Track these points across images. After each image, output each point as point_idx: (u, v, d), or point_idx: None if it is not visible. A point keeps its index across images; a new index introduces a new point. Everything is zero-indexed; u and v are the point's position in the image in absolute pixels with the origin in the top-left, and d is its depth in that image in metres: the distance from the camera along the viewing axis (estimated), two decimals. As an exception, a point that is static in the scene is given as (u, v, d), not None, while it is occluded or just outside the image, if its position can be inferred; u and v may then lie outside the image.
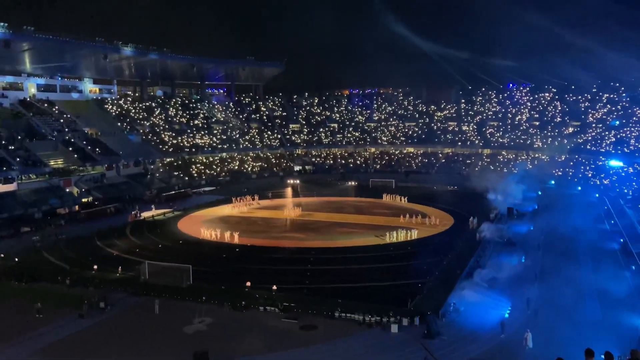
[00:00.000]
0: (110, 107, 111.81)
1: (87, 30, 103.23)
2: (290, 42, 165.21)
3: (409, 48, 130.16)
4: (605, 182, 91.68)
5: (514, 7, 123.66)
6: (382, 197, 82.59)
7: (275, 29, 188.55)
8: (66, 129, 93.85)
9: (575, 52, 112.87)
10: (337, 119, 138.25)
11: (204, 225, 64.44)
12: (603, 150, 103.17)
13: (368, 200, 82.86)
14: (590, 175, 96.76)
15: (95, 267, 46.57)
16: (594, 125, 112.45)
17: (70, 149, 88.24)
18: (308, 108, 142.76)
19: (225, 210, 75.08)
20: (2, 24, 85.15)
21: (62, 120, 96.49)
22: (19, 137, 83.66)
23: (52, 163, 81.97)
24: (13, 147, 79.74)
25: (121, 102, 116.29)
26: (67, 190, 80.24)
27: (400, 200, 79.82)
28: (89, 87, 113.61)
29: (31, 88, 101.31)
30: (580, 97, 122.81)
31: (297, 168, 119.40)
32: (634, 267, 44.71)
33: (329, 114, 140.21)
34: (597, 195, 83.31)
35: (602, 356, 9.16)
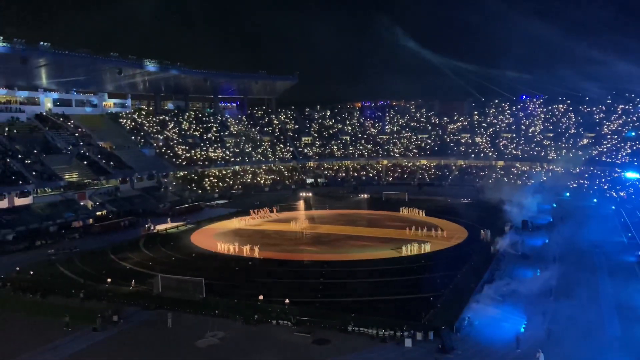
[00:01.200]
0: (125, 121, 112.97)
1: (98, 46, 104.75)
2: (302, 56, 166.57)
3: (421, 60, 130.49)
4: (622, 194, 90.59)
5: (527, 19, 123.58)
6: (399, 210, 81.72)
7: (287, 42, 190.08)
8: (81, 143, 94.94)
9: (589, 63, 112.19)
10: (349, 131, 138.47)
11: (217, 238, 64.59)
12: (619, 162, 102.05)
13: (382, 213, 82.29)
14: (606, 187, 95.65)
15: (109, 280, 46.74)
16: (609, 136, 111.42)
17: (85, 162, 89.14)
18: (320, 121, 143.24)
19: (238, 223, 75.06)
20: (19, 40, 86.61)
21: (77, 134, 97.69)
22: (35, 151, 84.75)
23: (67, 177, 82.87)
24: (29, 161, 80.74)
25: (135, 116, 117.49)
26: (82, 203, 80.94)
27: (418, 213, 78.99)
28: (104, 102, 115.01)
29: (47, 102, 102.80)
30: (594, 108, 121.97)
31: (309, 181, 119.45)
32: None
33: (341, 126, 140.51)
34: (613, 207, 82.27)
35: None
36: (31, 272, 50.34)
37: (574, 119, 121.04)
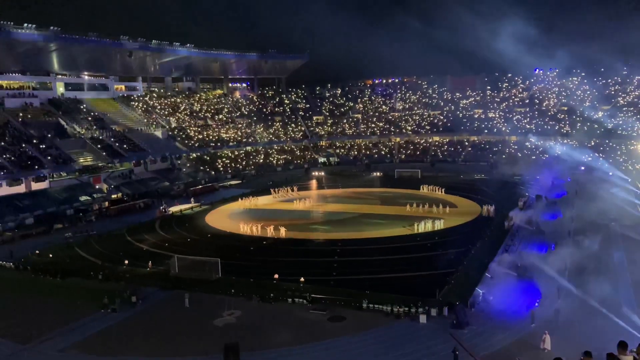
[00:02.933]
0: (137, 104, 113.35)
1: (107, 29, 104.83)
2: (312, 34, 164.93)
3: (432, 36, 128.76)
4: (637, 167, 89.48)
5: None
6: (419, 188, 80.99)
7: (297, 21, 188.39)
8: (94, 127, 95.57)
9: (604, 34, 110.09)
10: (361, 109, 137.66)
11: (232, 218, 65.23)
12: (635, 134, 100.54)
13: (398, 190, 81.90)
14: (621, 160, 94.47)
15: (126, 262, 47.48)
16: (624, 109, 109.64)
17: (99, 146, 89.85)
18: (331, 99, 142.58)
19: (250, 203, 75.47)
20: (30, 25, 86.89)
21: (90, 119, 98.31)
22: (49, 136, 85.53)
23: (82, 160, 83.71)
24: (44, 146, 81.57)
25: (147, 98, 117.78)
26: (97, 186, 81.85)
27: (438, 191, 78.18)
28: (115, 85, 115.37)
29: (59, 87, 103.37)
30: (609, 80, 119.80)
31: (321, 160, 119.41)
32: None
33: (352, 104, 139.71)
34: (629, 180, 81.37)
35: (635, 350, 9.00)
36: (50, 255, 51.31)
37: (588, 92, 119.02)
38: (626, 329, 28.67)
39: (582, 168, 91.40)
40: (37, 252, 52.59)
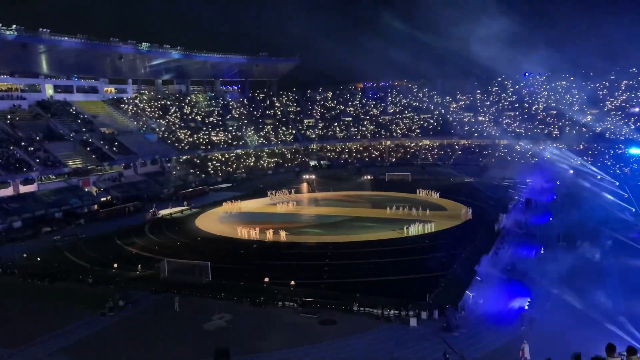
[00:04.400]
0: (126, 106, 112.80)
1: (98, 30, 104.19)
2: (303, 37, 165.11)
3: (422, 40, 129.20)
4: (626, 171, 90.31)
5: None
6: (415, 192, 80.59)
7: (288, 24, 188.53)
8: (84, 129, 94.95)
9: (592, 38, 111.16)
10: (352, 112, 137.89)
11: (224, 222, 65.13)
12: (622, 138, 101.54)
13: (389, 194, 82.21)
14: (609, 164, 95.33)
15: (116, 265, 47.16)
16: (612, 113, 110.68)
17: (88, 149, 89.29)
18: (322, 102, 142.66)
19: (242, 206, 75.35)
20: (18, 27, 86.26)
21: (79, 121, 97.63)
22: (38, 138, 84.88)
23: (71, 163, 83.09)
24: (32, 148, 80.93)
25: (137, 101, 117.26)
26: (86, 189, 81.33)
27: (431, 194, 78.08)
28: (105, 88, 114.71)
29: (49, 89, 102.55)
30: (598, 84, 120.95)
31: (312, 163, 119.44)
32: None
33: (343, 107, 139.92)
34: (617, 184, 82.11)
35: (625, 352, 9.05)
36: (38, 259, 50.83)
37: (577, 96, 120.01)
38: (615, 332, 28.85)
39: (571, 171, 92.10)
40: (24, 255, 52.01)
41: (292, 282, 39.86)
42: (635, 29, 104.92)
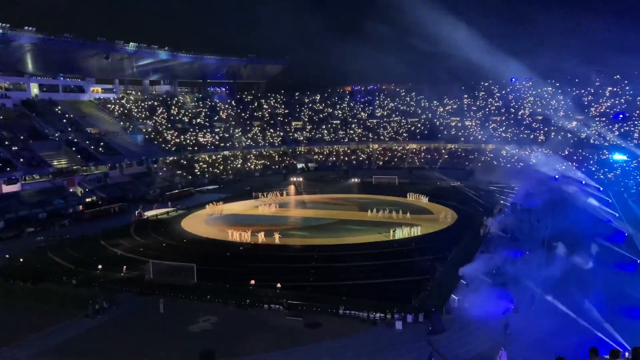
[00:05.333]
0: (113, 106, 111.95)
1: (85, 29, 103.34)
2: (291, 40, 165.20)
3: (411, 44, 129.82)
4: (609, 176, 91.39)
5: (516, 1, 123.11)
6: (406, 195, 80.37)
7: (277, 26, 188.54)
8: (69, 129, 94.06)
9: (578, 45, 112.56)
10: (340, 115, 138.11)
11: (210, 224, 64.87)
12: (606, 144, 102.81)
13: (374, 197, 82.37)
14: (594, 169, 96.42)
15: (100, 266, 46.72)
16: (597, 119, 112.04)
17: (74, 149, 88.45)
18: (310, 105, 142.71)
19: (233, 208, 75.17)
20: (3, 24, 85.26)
21: (65, 121, 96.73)
22: (22, 138, 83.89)
23: (56, 163, 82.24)
24: (17, 148, 79.99)
25: (124, 101, 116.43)
26: (71, 190, 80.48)
27: (419, 198, 78.11)
28: (92, 87, 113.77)
29: (34, 89, 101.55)
30: (583, 90, 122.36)
31: (300, 165, 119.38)
32: (638, 261, 44.61)
33: (331, 110, 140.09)
34: (601, 189, 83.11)
35: (607, 356, 9.15)
36: (21, 260, 50.19)
37: (563, 102, 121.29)
38: (598, 336, 29.14)
39: (556, 177, 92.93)
40: (7, 256, 51.35)
41: (278, 285, 39.76)
42: (619, 35, 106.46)
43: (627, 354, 16.77)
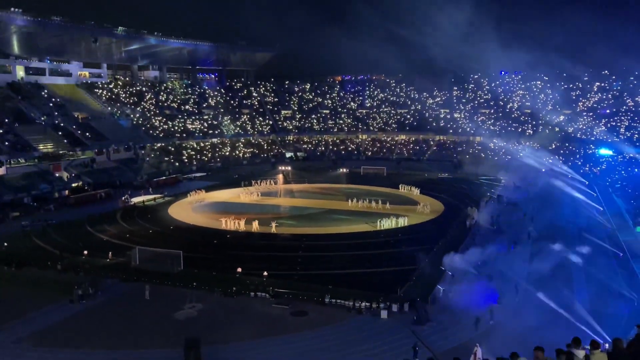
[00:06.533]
0: (101, 91, 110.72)
1: (73, 12, 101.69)
2: (282, 28, 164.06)
3: (401, 35, 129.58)
4: (595, 171, 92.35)
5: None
6: (398, 187, 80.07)
7: (267, 13, 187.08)
8: (55, 113, 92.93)
9: (567, 40, 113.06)
10: (329, 105, 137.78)
11: (198, 212, 64.70)
12: (593, 139, 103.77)
13: (362, 187, 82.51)
14: (580, 163, 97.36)
15: (86, 252, 46.42)
16: (584, 113, 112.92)
17: (60, 133, 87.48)
18: (300, 94, 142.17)
19: (222, 196, 74.98)
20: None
21: (51, 104, 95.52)
22: (7, 121, 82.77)
23: (42, 147, 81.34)
24: (1, 131, 78.94)
25: (111, 86, 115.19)
26: (57, 175, 79.70)
27: (411, 189, 77.90)
28: (79, 71, 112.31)
29: (19, 71, 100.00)
30: (571, 85, 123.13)
31: (288, 155, 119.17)
32: (621, 255, 45.29)
33: (321, 100, 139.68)
34: (586, 183, 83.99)
35: (588, 346, 9.29)
36: (5, 244, 49.73)
37: (551, 96, 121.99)
38: (580, 327, 29.59)
39: (543, 170, 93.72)
40: (-9, 240, 50.88)
41: (265, 273, 39.81)
42: (608, 31, 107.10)
43: (607, 345, 17.07)
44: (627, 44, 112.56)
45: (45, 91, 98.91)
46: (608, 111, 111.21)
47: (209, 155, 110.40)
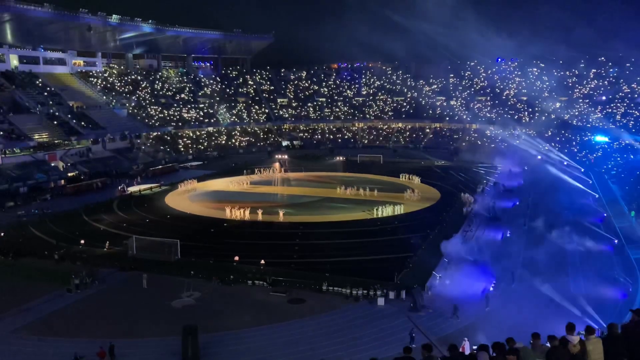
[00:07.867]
0: (96, 80, 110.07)
1: (65, 1, 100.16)
2: (278, 15, 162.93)
3: (397, 21, 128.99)
4: (591, 158, 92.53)
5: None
6: (399, 176, 79.33)
7: (263, 1, 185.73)
8: (50, 102, 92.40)
9: (563, 27, 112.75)
10: (326, 93, 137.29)
11: (194, 200, 64.70)
12: (589, 126, 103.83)
13: (359, 175, 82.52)
14: (576, 150, 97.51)
15: (83, 242, 46.41)
16: (580, 100, 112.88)
17: (55, 122, 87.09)
18: (296, 82, 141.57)
19: (212, 185, 74.85)
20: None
21: (46, 94, 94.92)
22: (2, 110, 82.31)
23: (37, 137, 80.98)
24: (-4, 121, 78.55)
25: (106, 75, 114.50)
26: (53, 164, 79.43)
27: (410, 178, 77.23)
28: (73, 60, 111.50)
29: (13, 60, 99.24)
30: (567, 72, 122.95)
31: (285, 143, 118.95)
32: (616, 242, 45.53)
33: (317, 88, 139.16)
34: (582, 170, 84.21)
35: (582, 332, 9.35)
36: (2, 234, 49.68)
37: (547, 83, 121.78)
38: (575, 313, 29.82)
39: (539, 157, 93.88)
40: (-13, 230, 50.80)
41: (262, 261, 39.90)
42: (605, 18, 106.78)
43: (601, 331, 17.23)
44: (623, 30, 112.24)
45: (40, 80, 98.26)
46: (604, 98, 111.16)
47: (205, 144, 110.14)
